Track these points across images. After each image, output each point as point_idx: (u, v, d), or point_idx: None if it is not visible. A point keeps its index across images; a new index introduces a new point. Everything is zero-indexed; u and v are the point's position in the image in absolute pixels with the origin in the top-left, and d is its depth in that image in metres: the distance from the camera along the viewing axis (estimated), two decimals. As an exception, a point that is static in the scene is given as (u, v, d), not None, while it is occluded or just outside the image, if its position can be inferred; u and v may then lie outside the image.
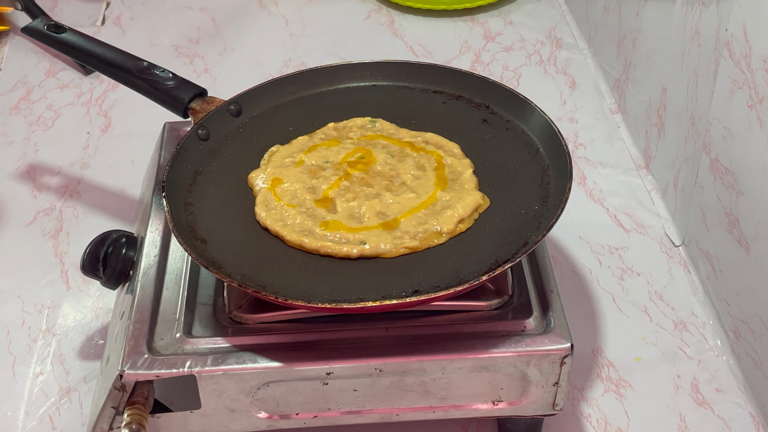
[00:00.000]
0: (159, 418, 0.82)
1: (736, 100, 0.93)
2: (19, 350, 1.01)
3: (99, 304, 1.05)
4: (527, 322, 0.82)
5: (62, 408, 0.95)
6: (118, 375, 0.79)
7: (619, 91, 1.32)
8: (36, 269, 1.10)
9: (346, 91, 1.00)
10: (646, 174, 1.22)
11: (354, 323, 0.82)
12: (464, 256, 0.81)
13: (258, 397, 0.81)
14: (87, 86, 1.39)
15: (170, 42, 1.50)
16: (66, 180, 1.22)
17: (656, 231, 1.14)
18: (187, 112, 0.95)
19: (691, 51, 1.05)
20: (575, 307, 1.03)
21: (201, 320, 0.83)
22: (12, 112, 1.35)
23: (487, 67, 1.42)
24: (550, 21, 1.53)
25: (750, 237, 0.93)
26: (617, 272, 1.09)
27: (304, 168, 0.90)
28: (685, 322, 1.03)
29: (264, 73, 1.39)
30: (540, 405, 0.83)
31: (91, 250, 0.91)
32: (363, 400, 0.82)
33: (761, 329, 0.92)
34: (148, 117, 1.12)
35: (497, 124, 0.95)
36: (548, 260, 0.88)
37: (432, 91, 1.00)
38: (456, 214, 0.84)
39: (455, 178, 0.88)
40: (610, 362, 0.99)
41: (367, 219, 0.84)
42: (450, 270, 0.80)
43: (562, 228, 1.09)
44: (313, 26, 1.53)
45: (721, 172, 0.98)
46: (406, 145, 0.93)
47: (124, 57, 0.99)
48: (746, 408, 0.95)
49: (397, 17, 1.55)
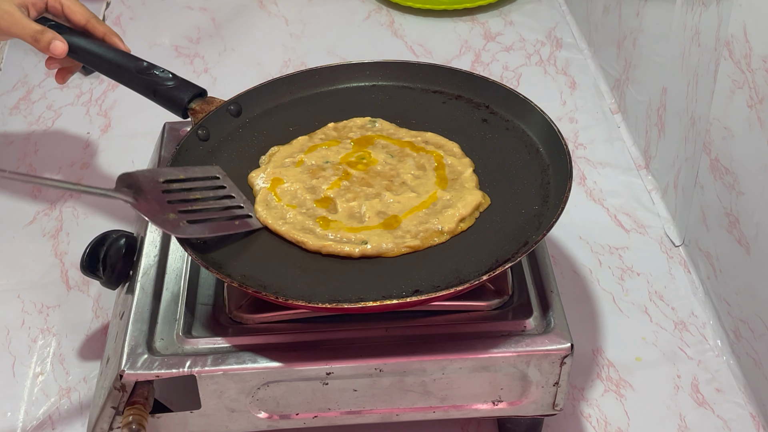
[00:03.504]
0: (159, 418, 0.82)
1: (736, 100, 0.93)
2: (19, 350, 1.01)
3: (99, 304, 1.05)
4: (527, 322, 0.82)
5: (62, 408, 0.95)
6: (118, 375, 0.79)
7: (619, 91, 1.32)
8: (36, 269, 1.10)
9: (346, 91, 1.01)
10: (646, 174, 1.22)
11: (354, 323, 0.82)
12: (464, 256, 0.81)
13: (258, 397, 0.81)
14: (87, 86, 1.39)
15: (170, 42, 1.50)
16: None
17: (656, 231, 1.14)
18: (187, 112, 0.95)
19: (691, 51, 1.05)
20: (575, 307, 1.03)
21: (201, 320, 0.83)
22: (12, 112, 1.35)
23: (487, 67, 1.42)
24: (550, 21, 1.53)
25: (750, 237, 0.93)
26: (617, 272, 1.09)
27: (304, 168, 0.90)
28: (685, 322, 1.03)
29: (264, 73, 1.39)
30: (540, 405, 0.83)
31: (91, 250, 0.92)
32: (363, 400, 0.82)
33: (761, 329, 0.92)
34: (148, 117, 1.12)
35: (497, 124, 0.95)
36: (548, 260, 0.88)
37: (432, 91, 1.00)
38: (457, 213, 0.84)
39: (455, 178, 0.88)
40: (610, 362, 0.99)
41: (368, 219, 0.84)
42: (450, 270, 0.80)
43: (562, 228, 1.09)
44: (313, 26, 1.54)
45: (721, 172, 0.98)
46: (406, 145, 0.93)
47: (124, 57, 1.00)
48: (746, 408, 0.95)
49: (397, 17, 1.55)
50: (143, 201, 0.79)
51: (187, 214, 0.82)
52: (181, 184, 0.85)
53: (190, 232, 0.81)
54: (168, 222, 0.79)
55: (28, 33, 0.97)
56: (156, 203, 0.80)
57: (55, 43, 0.96)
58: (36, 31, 0.97)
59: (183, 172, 0.86)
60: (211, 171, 0.88)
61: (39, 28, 0.97)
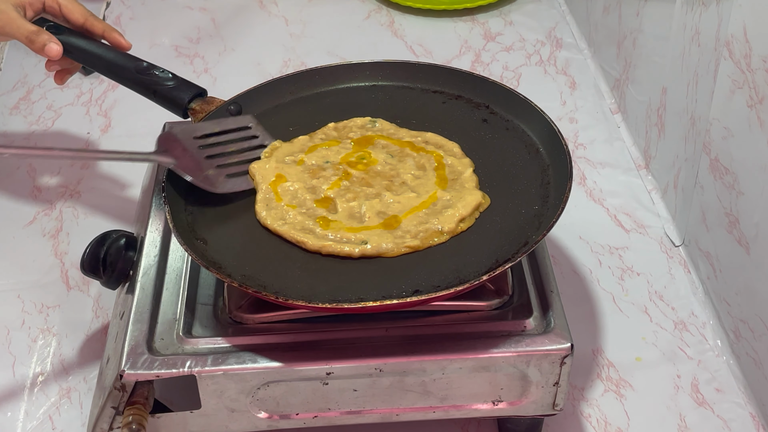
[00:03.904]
0: (159, 418, 0.82)
1: (736, 100, 0.93)
2: (19, 350, 1.01)
3: (99, 304, 1.05)
4: (527, 322, 0.82)
5: (62, 408, 0.95)
6: (118, 375, 0.79)
7: (619, 91, 1.32)
8: (36, 269, 1.10)
9: (346, 91, 1.01)
10: (646, 174, 1.22)
11: (354, 323, 0.82)
12: (464, 256, 0.81)
13: (258, 397, 0.81)
14: (87, 86, 1.39)
15: (170, 42, 1.50)
16: (66, 180, 1.22)
17: (656, 231, 1.14)
18: (187, 112, 0.95)
19: (691, 51, 1.05)
20: (575, 307, 1.03)
21: (201, 320, 0.83)
22: (12, 112, 1.35)
23: (487, 67, 1.42)
24: (550, 21, 1.53)
25: (750, 237, 0.93)
26: (617, 272, 1.09)
27: (305, 168, 0.90)
28: (685, 322, 1.03)
29: (264, 73, 1.39)
30: (540, 405, 0.83)
31: (91, 250, 0.92)
32: (363, 400, 0.82)
33: (761, 329, 0.92)
34: (148, 117, 1.12)
35: (497, 124, 0.95)
36: (548, 260, 0.88)
37: (432, 91, 1.00)
38: (457, 213, 0.84)
39: (455, 178, 0.88)
40: (610, 362, 0.99)
41: (368, 219, 0.84)
42: (450, 270, 0.80)
43: (562, 228, 1.09)
44: (313, 26, 1.54)
45: (721, 172, 0.98)
46: (406, 145, 0.93)
47: (124, 57, 1.00)
48: (746, 408, 0.95)
49: (397, 17, 1.55)
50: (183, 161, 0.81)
51: (225, 168, 0.83)
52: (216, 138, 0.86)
53: (230, 187, 0.83)
54: (208, 179, 0.81)
55: (22, 33, 0.96)
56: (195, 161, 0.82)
57: (50, 45, 0.96)
58: (31, 32, 0.96)
59: (217, 125, 0.88)
60: (244, 121, 0.90)
61: (34, 29, 0.97)
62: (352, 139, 0.94)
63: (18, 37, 0.97)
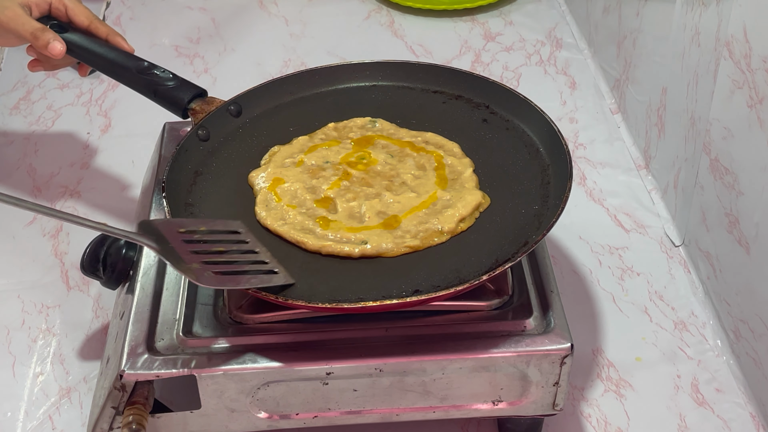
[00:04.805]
0: (159, 418, 0.82)
1: (736, 100, 0.93)
2: (19, 350, 1.01)
3: (99, 304, 1.05)
4: (527, 322, 0.82)
5: (62, 408, 0.95)
6: (118, 375, 0.79)
7: (619, 91, 1.32)
8: (36, 269, 1.10)
9: (346, 91, 1.01)
10: (646, 174, 1.22)
11: (354, 323, 0.82)
12: (464, 256, 0.81)
13: (258, 397, 0.81)
14: (87, 86, 1.39)
15: (170, 42, 1.50)
16: (66, 180, 1.22)
17: (656, 231, 1.14)
18: (187, 112, 0.95)
19: (691, 51, 1.05)
20: (575, 307, 1.03)
21: (201, 320, 0.83)
22: (12, 112, 1.35)
23: (487, 67, 1.42)
24: (550, 21, 1.53)
25: (750, 237, 0.93)
26: (617, 272, 1.09)
27: (305, 168, 0.90)
28: (685, 322, 1.03)
29: (264, 73, 1.39)
30: (540, 405, 0.83)
31: (91, 250, 0.92)
32: (363, 400, 0.82)
33: (761, 329, 0.92)
34: (148, 117, 1.12)
35: (497, 124, 0.95)
36: (548, 260, 0.88)
37: (432, 91, 1.00)
38: (457, 213, 0.84)
39: (455, 178, 0.88)
40: (610, 362, 0.99)
41: (368, 219, 0.84)
42: (450, 270, 0.80)
43: (562, 228, 1.09)
44: (313, 26, 1.54)
45: (721, 172, 0.98)
46: (406, 145, 0.93)
47: (125, 57, 1.00)
48: (746, 408, 0.95)
49: (397, 17, 1.55)
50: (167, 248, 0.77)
51: (211, 265, 0.79)
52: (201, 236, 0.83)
53: (217, 283, 0.78)
54: (192, 271, 0.77)
55: (27, 30, 0.97)
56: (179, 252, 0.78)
57: (54, 43, 0.96)
58: (36, 29, 0.97)
59: (204, 224, 0.83)
60: (233, 225, 0.84)
61: (39, 26, 0.97)
62: (352, 139, 0.94)
63: (23, 33, 0.97)
